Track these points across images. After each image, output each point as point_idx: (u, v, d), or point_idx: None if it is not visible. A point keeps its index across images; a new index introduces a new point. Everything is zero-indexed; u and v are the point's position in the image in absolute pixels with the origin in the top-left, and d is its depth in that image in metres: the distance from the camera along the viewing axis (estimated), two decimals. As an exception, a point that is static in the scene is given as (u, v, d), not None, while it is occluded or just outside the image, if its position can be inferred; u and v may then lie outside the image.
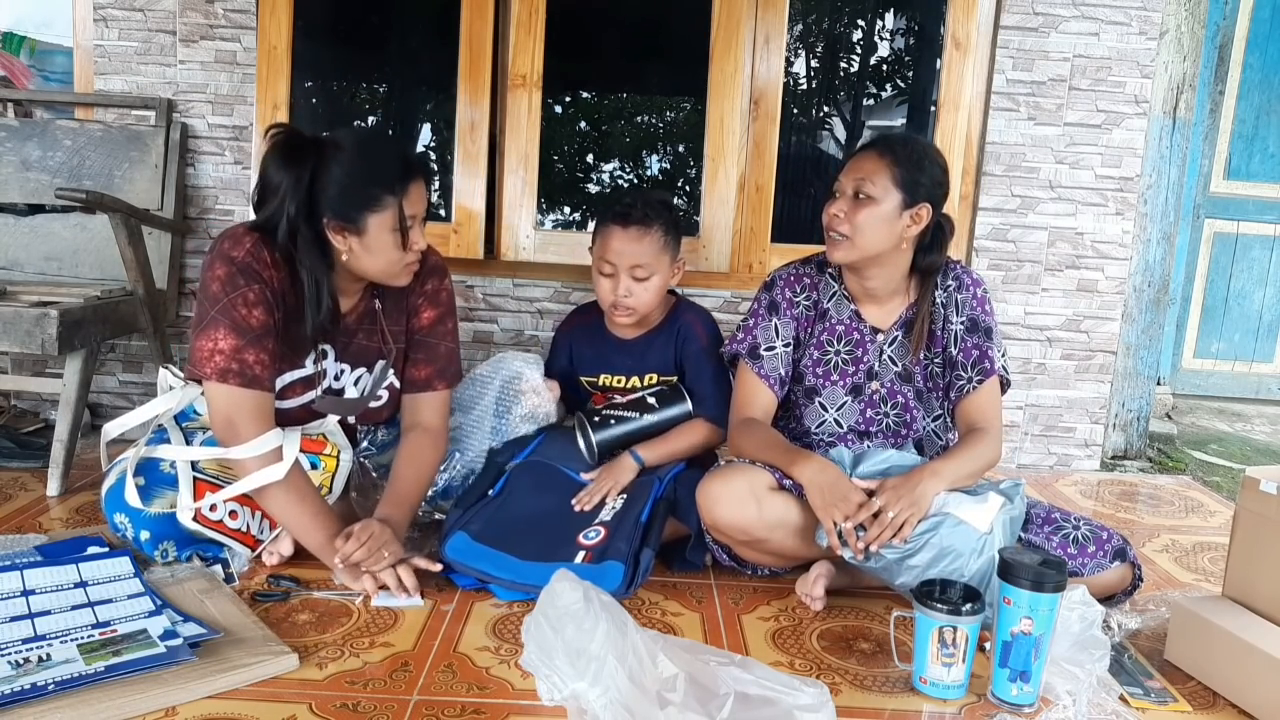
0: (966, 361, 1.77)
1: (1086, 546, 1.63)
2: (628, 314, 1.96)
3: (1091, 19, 2.68)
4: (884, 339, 1.83)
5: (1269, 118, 3.93)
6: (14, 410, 2.71)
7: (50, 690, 1.19)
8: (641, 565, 1.63)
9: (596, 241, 1.98)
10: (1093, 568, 1.62)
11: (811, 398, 1.86)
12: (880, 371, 1.83)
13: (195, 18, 2.63)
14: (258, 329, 1.58)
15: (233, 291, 1.57)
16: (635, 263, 1.91)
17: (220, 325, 1.57)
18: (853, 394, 1.84)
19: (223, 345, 1.57)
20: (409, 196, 1.60)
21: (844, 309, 1.85)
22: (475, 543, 1.67)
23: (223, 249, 1.60)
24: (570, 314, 2.22)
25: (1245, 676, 1.39)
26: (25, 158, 2.58)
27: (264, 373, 1.60)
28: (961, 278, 1.81)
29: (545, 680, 1.24)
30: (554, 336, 2.16)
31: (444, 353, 1.84)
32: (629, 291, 1.93)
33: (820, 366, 1.85)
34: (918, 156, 1.72)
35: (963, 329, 1.79)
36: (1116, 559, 1.63)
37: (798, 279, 1.88)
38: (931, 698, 1.37)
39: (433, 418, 1.83)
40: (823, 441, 1.85)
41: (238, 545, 1.69)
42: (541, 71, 2.70)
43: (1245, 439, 3.60)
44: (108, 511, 1.64)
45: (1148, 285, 3.04)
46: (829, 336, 1.85)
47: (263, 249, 1.60)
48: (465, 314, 2.74)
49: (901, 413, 1.84)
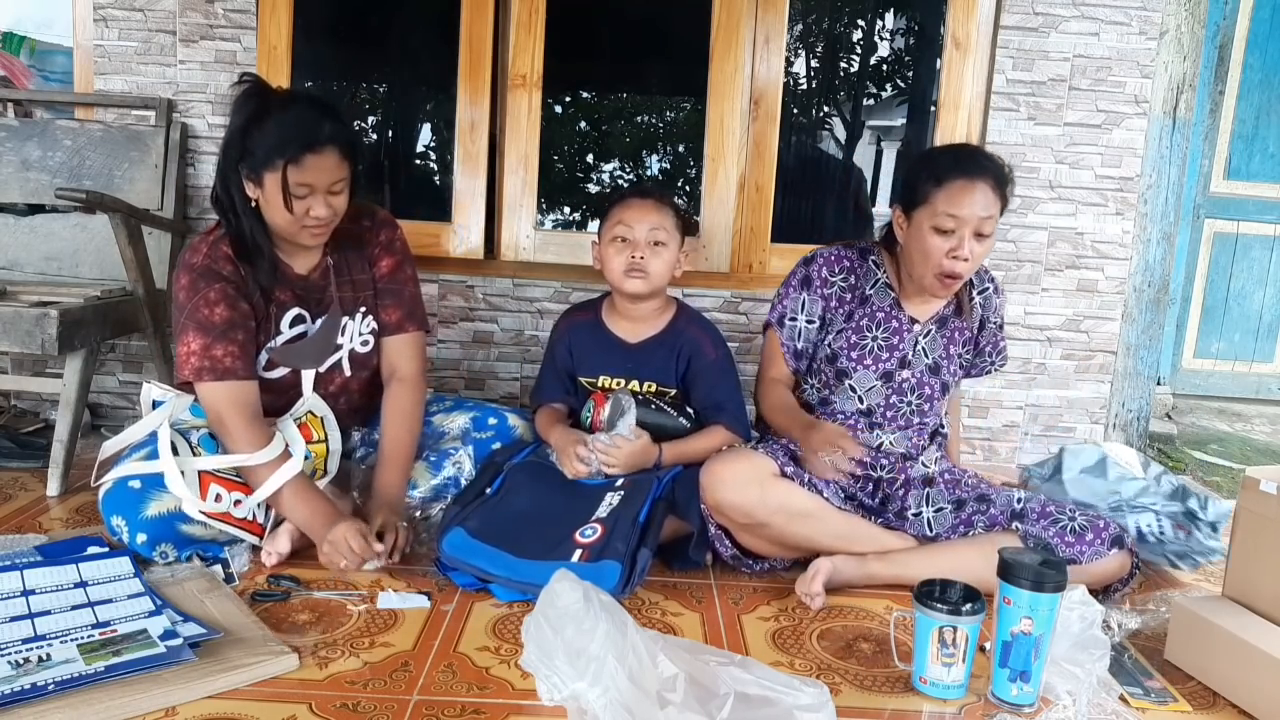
0: (993, 352, 2.02)
1: (1084, 535, 1.67)
2: (641, 277, 1.94)
3: (1091, 19, 2.68)
4: (920, 330, 1.89)
5: (1269, 118, 3.93)
6: (14, 410, 2.71)
7: (50, 690, 1.19)
8: (638, 565, 1.63)
9: (611, 216, 1.99)
10: (1091, 555, 1.65)
11: (842, 379, 1.90)
12: (913, 361, 1.88)
13: (195, 18, 2.63)
14: (221, 324, 1.68)
15: (194, 295, 1.69)
16: (653, 226, 1.94)
17: (188, 329, 1.68)
18: (883, 379, 1.88)
19: (194, 346, 1.68)
20: (301, 165, 1.63)
21: (885, 297, 1.90)
22: (472, 539, 1.67)
23: (184, 259, 1.73)
24: (566, 311, 2.18)
25: (1245, 676, 1.39)
26: (25, 158, 2.58)
27: (235, 364, 1.69)
28: (995, 280, 2.01)
29: (545, 680, 1.24)
30: (551, 335, 2.15)
31: (409, 296, 1.93)
32: (646, 254, 1.94)
33: (855, 350, 1.89)
34: (1008, 179, 1.78)
35: (995, 327, 2.01)
36: (1114, 546, 1.67)
37: (838, 260, 1.94)
38: (931, 698, 1.37)
39: (408, 363, 1.93)
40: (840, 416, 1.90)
41: (245, 534, 1.71)
42: (541, 71, 2.70)
43: (1245, 439, 3.60)
44: (105, 515, 1.65)
45: (1148, 285, 3.03)
46: (868, 322, 1.90)
47: (220, 246, 1.72)
48: (465, 314, 2.74)
49: (923, 403, 1.89)
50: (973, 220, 1.71)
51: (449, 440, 1.99)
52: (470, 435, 2.02)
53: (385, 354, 1.93)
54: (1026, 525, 1.71)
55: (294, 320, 1.82)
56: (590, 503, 1.79)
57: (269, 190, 1.66)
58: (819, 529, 1.74)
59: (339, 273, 1.86)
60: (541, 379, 2.13)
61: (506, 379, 2.77)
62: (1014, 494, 1.79)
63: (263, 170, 1.64)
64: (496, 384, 2.77)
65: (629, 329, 2.05)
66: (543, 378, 2.12)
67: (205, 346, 1.67)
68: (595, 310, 2.10)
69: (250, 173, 1.66)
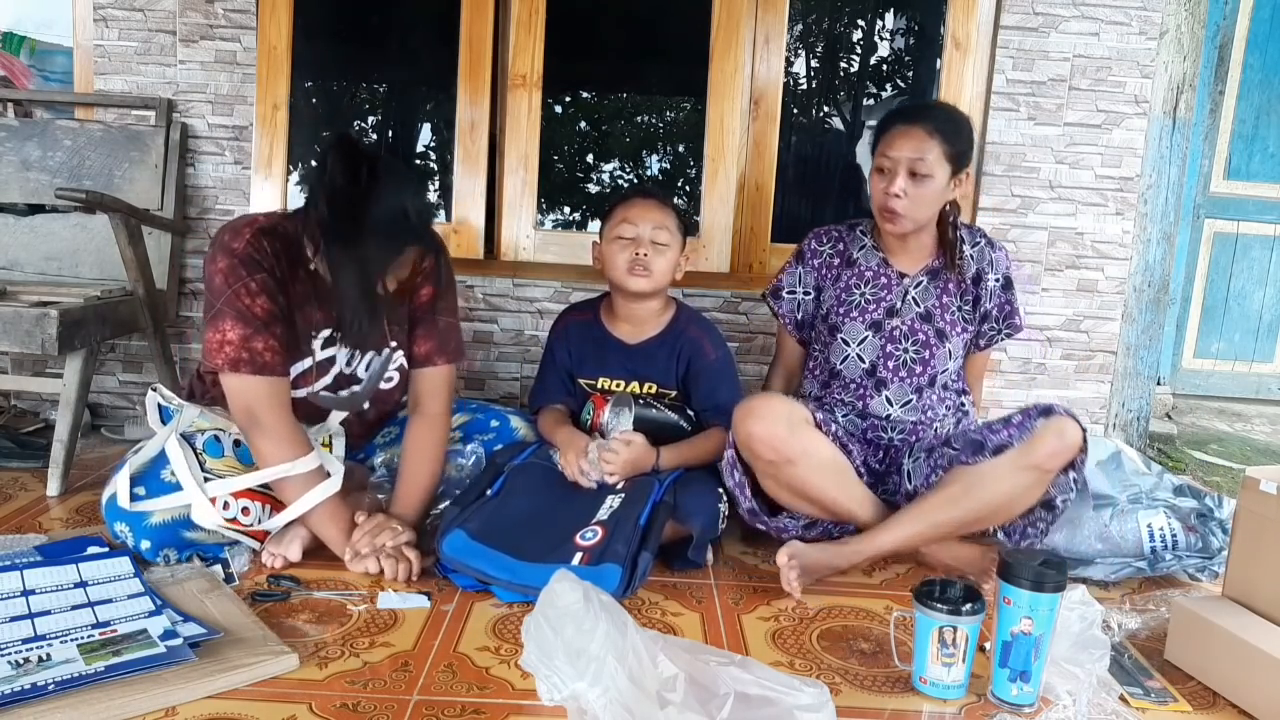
0: (1000, 316, 2.00)
1: (1013, 419, 1.74)
2: (645, 275, 1.95)
3: (1091, 19, 2.68)
4: (910, 281, 1.96)
5: (1269, 118, 3.93)
6: (14, 410, 2.71)
7: (50, 690, 1.19)
8: (639, 568, 1.63)
9: (615, 214, 2.01)
10: (1020, 435, 1.70)
11: (834, 334, 1.98)
12: (902, 310, 1.94)
13: (195, 18, 2.63)
14: (263, 317, 1.62)
15: (235, 282, 1.60)
16: (657, 225, 1.96)
17: (226, 316, 1.61)
18: (873, 329, 1.94)
19: (231, 336, 1.61)
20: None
21: (872, 257, 2.00)
22: (472, 540, 1.66)
23: (223, 241, 1.64)
24: (564, 312, 2.17)
25: (1245, 676, 1.39)
26: (25, 158, 2.58)
27: (274, 359, 1.64)
28: (989, 237, 2.00)
29: (545, 680, 1.24)
30: (549, 336, 2.14)
31: (443, 327, 1.85)
32: (649, 252, 1.95)
33: (842, 306, 1.98)
34: (956, 125, 1.86)
35: (998, 285, 1.99)
36: (1042, 416, 1.70)
37: (826, 234, 2.07)
38: (931, 698, 1.37)
39: (432, 399, 1.86)
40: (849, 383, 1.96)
41: (248, 540, 1.71)
42: (541, 71, 2.70)
43: (1245, 439, 3.60)
44: (108, 521, 1.65)
45: (1148, 285, 3.03)
46: (855, 280, 1.99)
47: (262, 240, 1.64)
48: (465, 314, 2.74)
49: (920, 349, 1.94)
50: (903, 160, 1.81)
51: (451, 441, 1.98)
52: (473, 438, 2.03)
53: (412, 385, 1.87)
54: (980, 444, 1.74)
55: (326, 342, 1.76)
56: (591, 504, 1.79)
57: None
58: (839, 484, 1.78)
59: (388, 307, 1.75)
60: (543, 379, 2.12)
61: (506, 379, 2.77)
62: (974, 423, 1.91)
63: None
64: (496, 384, 2.77)
65: (628, 330, 2.05)
66: (544, 378, 2.12)
67: (245, 337, 1.61)
68: (594, 311, 2.10)
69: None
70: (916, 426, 1.94)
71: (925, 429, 1.94)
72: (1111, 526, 1.88)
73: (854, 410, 1.96)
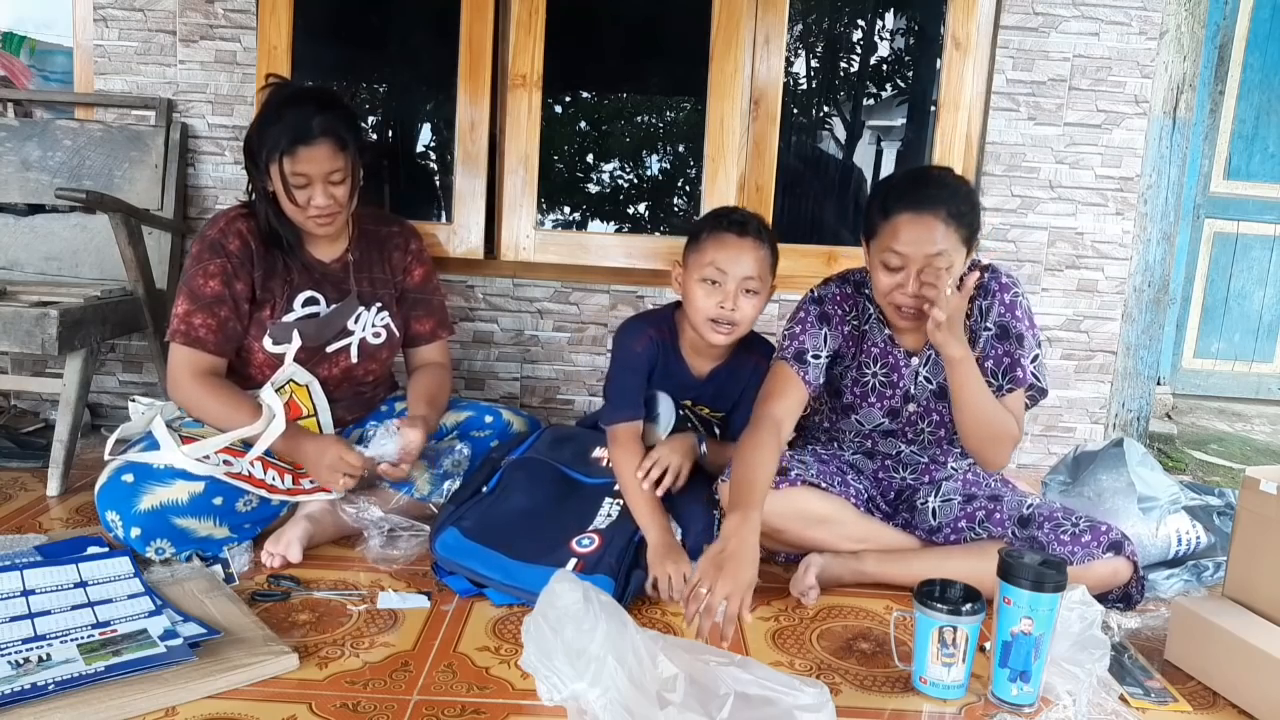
0: (997, 369, 1.75)
1: (1081, 537, 1.62)
2: (729, 330, 1.80)
3: (1091, 19, 2.68)
4: (918, 362, 1.82)
5: (1269, 118, 3.93)
6: (14, 410, 2.71)
7: (50, 690, 1.19)
8: (631, 585, 1.61)
9: (704, 248, 1.80)
10: (1082, 556, 1.60)
11: (848, 414, 1.88)
12: (916, 394, 1.84)
13: (195, 18, 2.63)
14: (209, 297, 1.78)
15: (196, 265, 1.80)
16: (749, 274, 1.78)
17: (181, 293, 1.80)
18: (889, 416, 1.86)
19: (179, 310, 1.79)
20: (295, 157, 1.73)
21: (878, 333, 1.83)
22: (466, 539, 1.66)
23: (203, 230, 1.84)
24: (638, 325, 1.96)
25: (1245, 676, 1.39)
26: (25, 158, 2.58)
27: (208, 335, 1.78)
28: (989, 284, 1.76)
29: (545, 681, 1.24)
30: (625, 351, 1.92)
31: (438, 304, 2.09)
32: (737, 306, 1.78)
33: (858, 387, 1.85)
34: (969, 202, 1.66)
35: (992, 336, 1.76)
36: (1111, 550, 1.62)
37: (844, 299, 1.84)
38: (931, 698, 1.37)
39: (440, 358, 2.09)
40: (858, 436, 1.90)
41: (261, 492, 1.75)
42: (541, 71, 2.70)
43: (1245, 439, 3.60)
44: (100, 510, 1.66)
45: (1148, 285, 3.04)
46: (867, 359, 1.85)
47: (236, 223, 1.82)
48: (465, 314, 2.74)
49: (935, 428, 1.87)
50: (918, 258, 1.63)
51: (447, 440, 2.00)
52: (469, 435, 2.03)
53: (418, 360, 2.08)
54: (1031, 530, 1.67)
55: (307, 301, 1.89)
56: (590, 506, 1.79)
57: (275, 183, 1.77)
58: (836, 533, 1.75)
59: (359, 269, 1.96)
60: (624, 390, 1.89)
61: (506, 379, 2.77)
62: (1027, 498, 1.76)
63: (268, 164, 1.75)
64: (496, 384, 2.77)
65: (698, 363, 1.95)
66: (623, 389, 1.89)
67: (188, 313, 1.77)
68: (671, 331, 1.94)
69: (262, 167, 1.77)
70: (929, 467, 1.88)
71: (939, 469, 1.88)
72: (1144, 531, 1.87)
73: (863, 450, 1.91)
